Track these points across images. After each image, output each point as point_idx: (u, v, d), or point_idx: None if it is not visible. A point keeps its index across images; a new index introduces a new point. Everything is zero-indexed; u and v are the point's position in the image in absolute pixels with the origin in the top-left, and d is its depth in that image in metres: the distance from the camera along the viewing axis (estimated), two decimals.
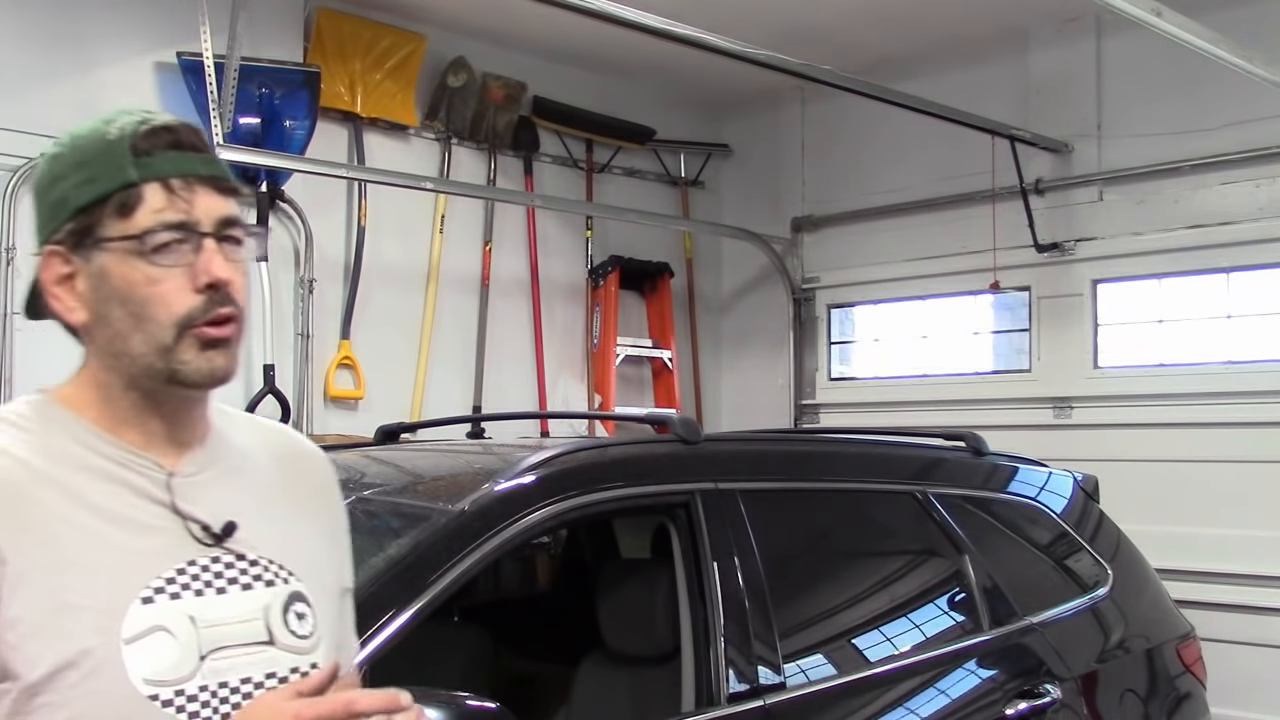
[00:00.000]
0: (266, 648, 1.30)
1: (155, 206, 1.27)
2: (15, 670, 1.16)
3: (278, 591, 1.33)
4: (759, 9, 5.24)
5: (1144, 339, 5.55)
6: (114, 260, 1.27)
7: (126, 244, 1.26)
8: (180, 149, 1.30)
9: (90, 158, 1.29)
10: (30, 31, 4.49)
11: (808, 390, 6.81)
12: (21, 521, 1.20)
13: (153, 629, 1.22)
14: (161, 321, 1.27)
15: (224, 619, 1.27)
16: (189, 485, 1.32)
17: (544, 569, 4.03)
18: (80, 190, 1.29)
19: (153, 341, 1.27)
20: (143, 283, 1.26)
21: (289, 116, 4.96)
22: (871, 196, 6.45)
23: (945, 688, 2.89)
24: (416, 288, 5.73)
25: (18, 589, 1.17)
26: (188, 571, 1.27)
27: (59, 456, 1.26)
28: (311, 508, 1.47)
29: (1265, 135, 5.09)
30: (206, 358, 1.29)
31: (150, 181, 1.27)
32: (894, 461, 3.45)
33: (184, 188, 1.29)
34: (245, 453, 1.42)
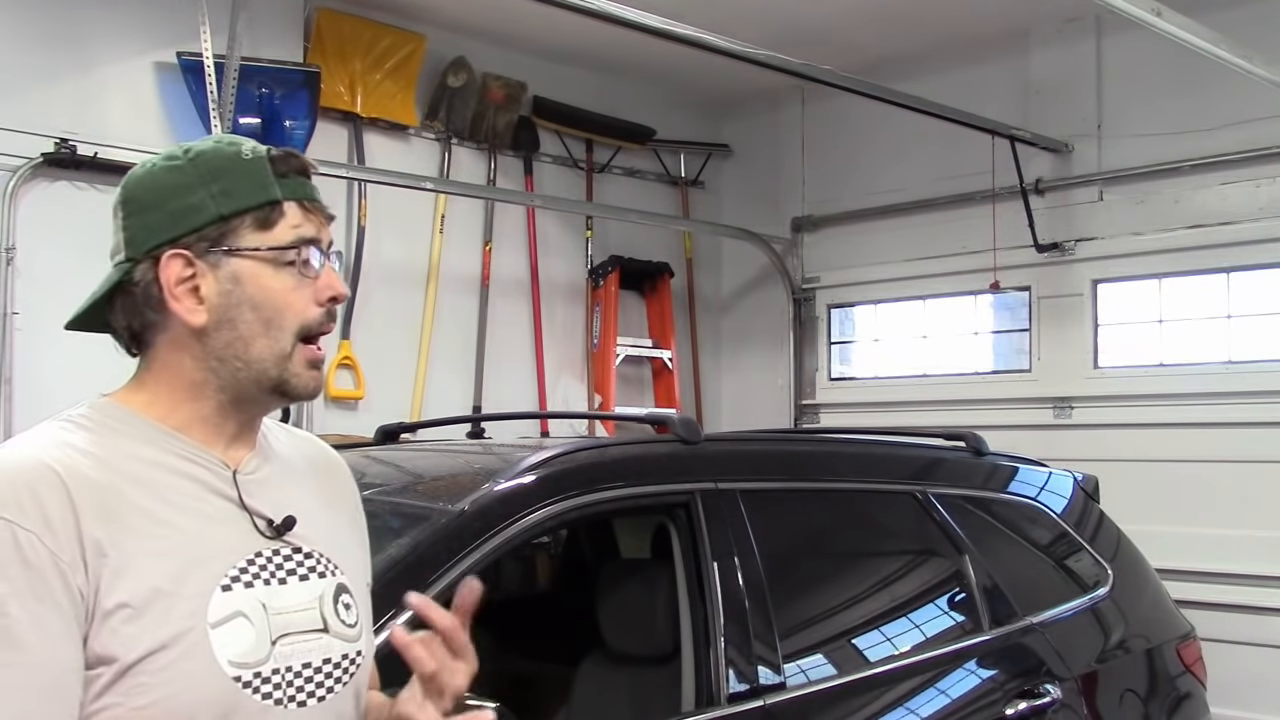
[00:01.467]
0: (322, 635, 1.39)
1: (294, 223, 1.40)
2: (113, 653, 1.24)
3: (328, 583, 1.42)
4: (759, 9, 5.24)
5: (1144, 339, 5.55)
6: (251, 268, 1.37)
7: (269, 254, 1.37)
8: (304, 175, 1.43)
9: (226, 171, 1.38)
10: (30, 32, 4.49)
11: (808, 390, 6.81)
12: (112, 516, 1.27)
13: (234, 614, 1.30)
14: (287, 328, 1.38)
15: (288, 607, 1.36)
16: (250, 482, 1.40)
17: (544, 569, 4.03)
18: (221, 201, 1.37)
19: (275, 348, 1.38)
20: (280, 290, 1.38)
21: (289, 116, 4.96)
22: (871, 196, 6.45)
23: (945, 688, 2.89)
24: (416, 288, 5.73)
25: (117, 580, 1.25)
26: (256, 562, 1.35)
27: (131, 454, 1.34)
28: (342, 508, 1.57)
29: (1265, 135, 5.09)
30: (312, 375, 1.42)
31: (290, 200, 1.40)
32: (894, 461, 3.44)
33: (313, 209, 1.43)
34: (286, 457, 1.51)
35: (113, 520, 1.27)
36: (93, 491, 1.27)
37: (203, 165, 1.39)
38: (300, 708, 1.34)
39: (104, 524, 1.26)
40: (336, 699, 1.39)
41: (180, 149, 1.42)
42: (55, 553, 1.22)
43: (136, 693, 1.24)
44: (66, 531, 1.23)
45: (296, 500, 1.44)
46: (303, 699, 1.35)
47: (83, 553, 1.23)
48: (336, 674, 1.40)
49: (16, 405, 4.31)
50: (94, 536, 1.25)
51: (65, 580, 1.22)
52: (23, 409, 4.28)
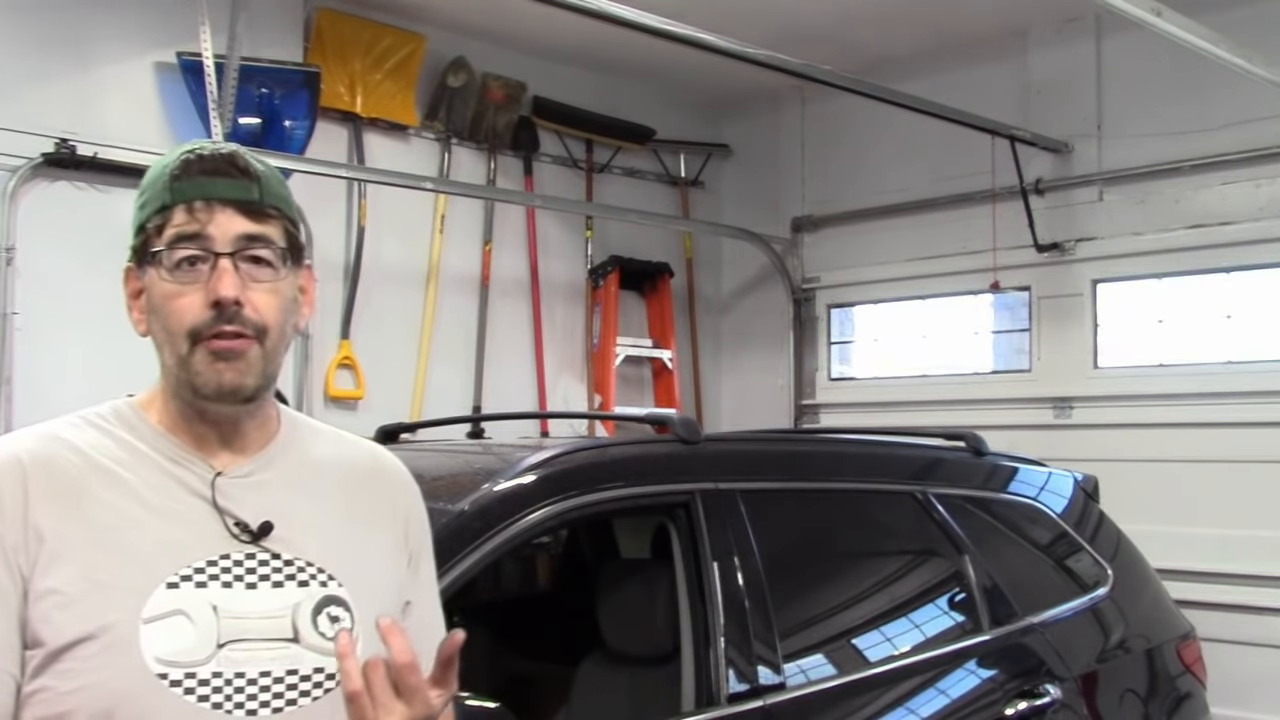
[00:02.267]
0: (290, 645, 1.35)
1: (177, 223, 1.37)
2: (42, 637, 1.27)
3: (311, 592, 1.39)
4: (759, 9, 5.24)
5: (1144, 339, 5.55)
6: (153, 276, 1.39)
7: (157, 259, 1.38)
8: (210, 175, 1.39)
9: (148, 184, 1.42)
10: (30, 32, 4.49)
11: (808, 390, 6.81)
12: (65, 504, 1.31)
13: (173, 612, 1.30)
14: (177, 333, 1.37)
15: (249, 612, 1.34)
16: (234, 485, 1.40)
17: (544, 569, 4.03)
18: (139, 212, 1.41)
19: (174, 352, 1.38)
20: (166, 296, 1.37)
21: (289, 116, 4.96)
22: (871, 196, 6.45)
23: (945, 688, 2.89)
24: (416, 288, 5.73)
25: (52, 565, 1.28)
26: (219, 563, 1.34)
27: (123, 452, 1.38)
28: (378, 522, 1.53)
29: (1265, 135, 5.09)
30: (216, 370, 1.37)
31: (178, 204, 1.38)
32: (894, 461, 3.44)
33: (203, 209, 1.37)
34: (314, 465, 1.50)
35: (66, 510, 1.31)
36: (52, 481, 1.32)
37: (146, 179, 1.43)
38: (250, 716, 1.31)
39: (54, 513, 1.30)
40: (301, 713, 1.34)
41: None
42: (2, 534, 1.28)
43: (65, 677, 1.26)
44: (15, 515, 1.29)
45: (296, 507, 1.43)
46: (254, 707, 1.31)
47: (25, 537, 1.29)
48: (304, 686, 1.35)
49: (16, 405, 4.30)
50: (36, 523, 1.29)
51: (7, 560, 1.28)
52: (23, 409, 4.28)
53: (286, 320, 1.44)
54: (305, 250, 1.49)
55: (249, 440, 1.45)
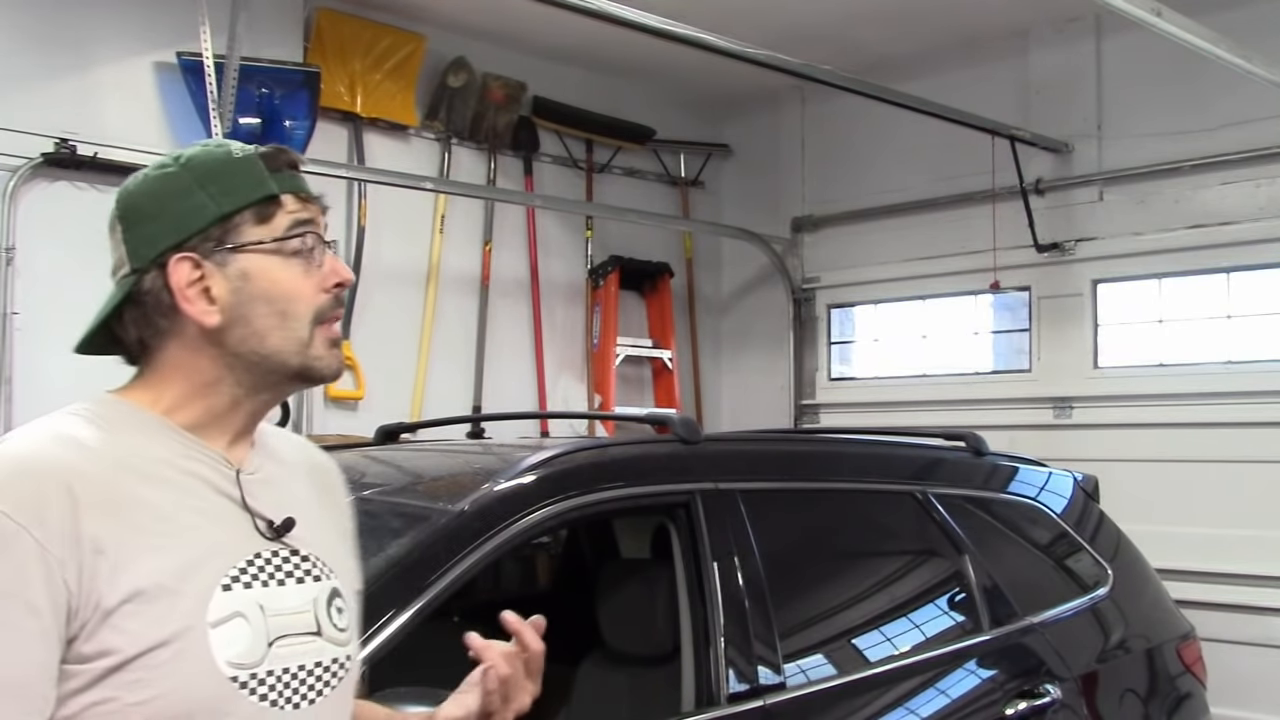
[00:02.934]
0: (315, 638, 1.39)
1: (291, 210, 1.41)
2: (113, 646, 1.23)
3: (323, 586, 1.43)
4: (759, 9, 5.24)
5: (1144, 339, 5.55)
6: (259, 262, 1.38)
7: (273, 245, 1.39)
8: (296, 171, 1.45)
9: (222, 173, 1.40)
10: (30, 32, 4.49)
11: (808, 390, 6.81)
12: (113, 510, 1.27)
13: (233, 615, 1.31)
14: (302, 316, 1.39)
15: (285, 609, 1.37)
16: (252, 483, 1.41)
17: (544, 569, 4.03)
18: (220, 200, 1.38)
19: (293, 337, 1.39)
20: (289, 280, 1.39)
21: (289, 116, 4.96)
22: (871, 196, 6.45)
23: (945, 688, 2.88)
24: (416, 288, 5.73)
25: (117, 575, 1.24)
26: (255, 563, 1.36)
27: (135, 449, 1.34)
28: (333, 512, 1.58)
29: (1265, 135, 5.09)
30: (334, 355, 1.43)
31: (286, 193, 1.41)
32: (894, 461, 3.44)
33: (307, 199, 1.44)
34: (281, 458, 1.51)
35: (114, 515, 1.26)
36: (94, 486, 1.26)
37: (197, 168, 1.40)
38: (295, 710, 1.35)
39: (105, 520, 1.25)
40: (326, 702, 1.40)
41: (170, 157, 1.44)
42: (44, 546, 1.21)
43: (134, 688, 1.24)
44: (62, 526, 1.22)
45: (295, 502, 1.45)
46: (296, 701, 1.35)
47: (78, 549, 1.22)
48: (326, 677, 1.40)
49: (16, 405, 4.31)
50: (92, 533, 1.24)
51: (50, 575, 1.21)
52: (23, 409, 4.28)
53: None
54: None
55: (255, 435, 1.46)
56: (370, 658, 1.93)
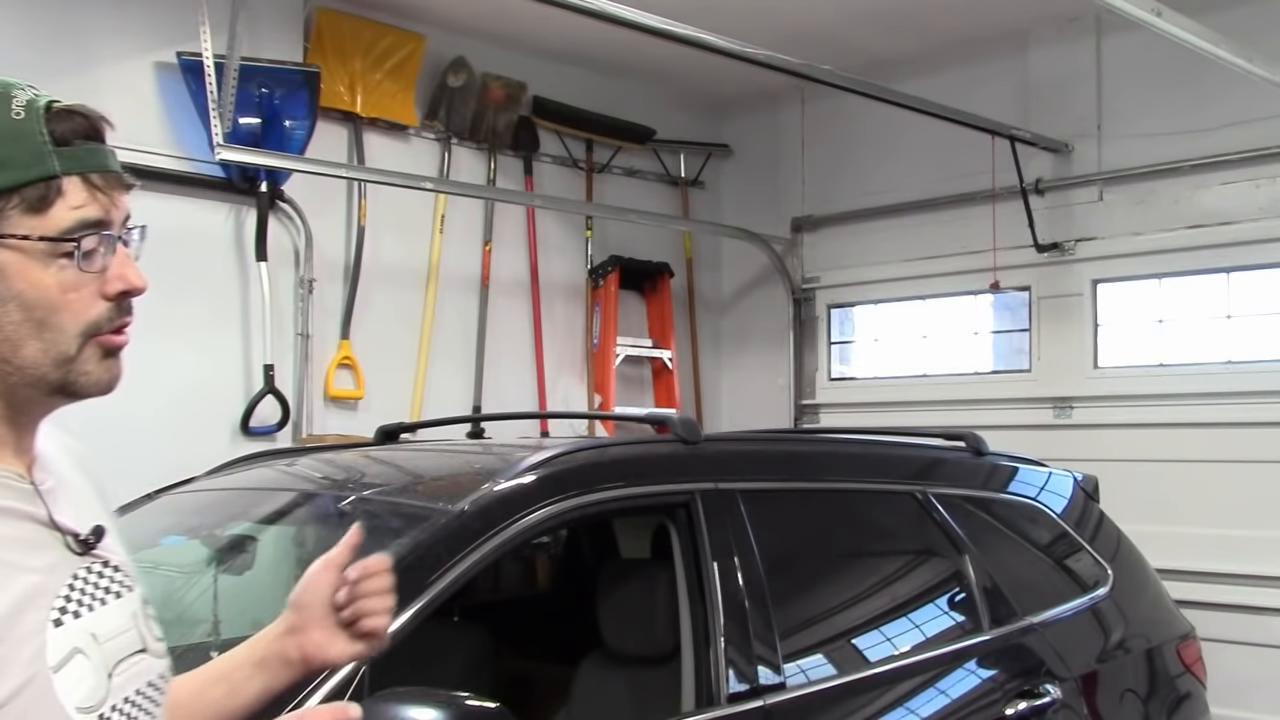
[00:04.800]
0: (143, 656, 1.24)
1: (75, 203, 1.14)
2: None
3: (135, 596, 1.26)
4: (759, 9, 5.24)
5: (1144, 339, 5.55)
6: (18, 260, 1.13)
7: (40, 245, 1.13)
8: (99, 141, 1.19)
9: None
10: (30, 31, 4.48)
11: (808, 390, 6.81)
12: None
13: (72, 652, 1.14)
14: (67, 330, 1.15)
15: (113, 631, 1.20)
16: (49, 496, 1.20)
17: (544, 569, 4.04)
18: None
19: (53, 351, 1.15)
20: (55, 288, 1.14)
21: (289, 116, 4.96)
22: (871, 196, 6.45)
23: (945, 688, 2.89)
24: (416, 287, 5.72)
25: None
26: (76, 586, 1.18)
27: None
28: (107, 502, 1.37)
29: (1265, 135, 5.09)
30: (106, 366, 1.19)
31: (72, 175, 1.15)
32: (894, 461, 3.45)
33: (104, 183, 1.17)
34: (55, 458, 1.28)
35: None
36: None
37: None
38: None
39: None
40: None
41: None
42: None
43: None
44: None
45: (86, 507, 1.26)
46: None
47: None
48: (155, 696, 1.25)
49: None
50: None
51: None
52: None
53: None
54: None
55: (33, 442, 1.23)
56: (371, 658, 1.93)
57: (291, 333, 5.16)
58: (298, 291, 5.18)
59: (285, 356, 5.12)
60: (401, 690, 1.92)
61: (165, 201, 4.60)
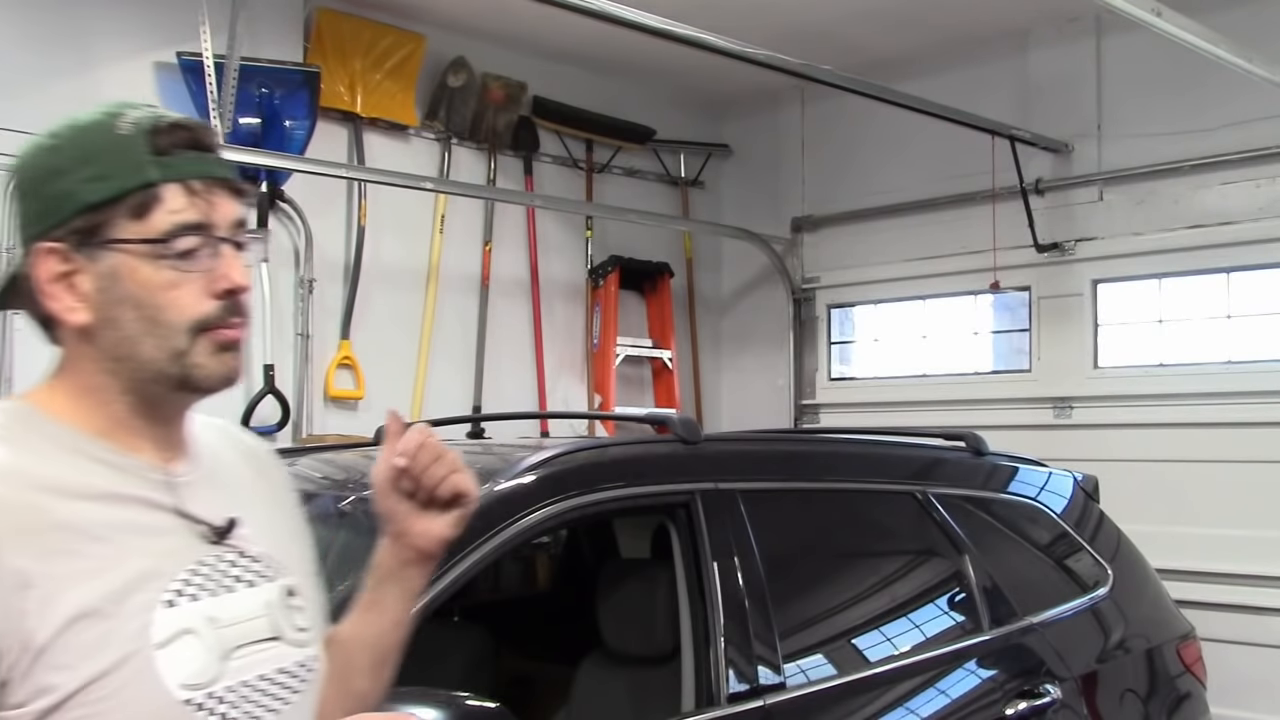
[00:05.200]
0: (275, 644, 1.30)
1: (174, 208, 1.23)
2: (50, 685, 1.13)
3: (275, 586, 1.33)
4: (759, 9, 5.24)
5: (1144, 339, 5.55)
6: (128, 262, 1.23)
7: (144, 246, 1.23)
8: (199, 149, 1.28)
9: (99, 153, 1.24)
10: (30, 31, 4.49)
11: (808, 390, 6.81)
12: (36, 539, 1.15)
13: (180, 632, 1.20)
14: (176, 326, 1.24)
15: (237, 617, 1.27)
16: (185, 486, 1.29)
17: (544, 569, 4.03)
18: (90, 186, 1.23)
19: (166, 346, 1.24)
20: (160, 287, 1.23)
21: (289, 116, 4.96)
22: (871, 196, 6.45)
23: (945, 688, 2.89)
24: (416, 288, 5.73)
25: (48, 609, 1.13)
26: (200, 572, 1.25)
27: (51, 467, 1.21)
28: (279, 500, 1.47)
29: (1265, 135, 5.09)
30: (220, 360, 1.27)
31: (171, 183, 1.24)
32: (894, 461, 3.44)
33: (204, 190, 1.26)
34: (215, 453, 1.39)
35: (37, 543, 1.14)
36: (11, 514, 1.14)
37: (80, 145, 1.25)
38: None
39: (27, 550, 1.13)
40: (293, 710, 1.30)
41: (65, 123, 1.29)
42: None
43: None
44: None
45: (234, 500, 1.34)
46: (259, 713, 1.25)
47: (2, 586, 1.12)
48: (292, 684, 1.30)
49: None
50: (14, 566, 1.12)
51: None
52: None
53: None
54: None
55: (182, 435, 1.33)
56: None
57: (291, 333, 5.16)
58: (298, 291, 5.19)
59: (285, 356, 5.12)
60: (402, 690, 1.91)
61: None
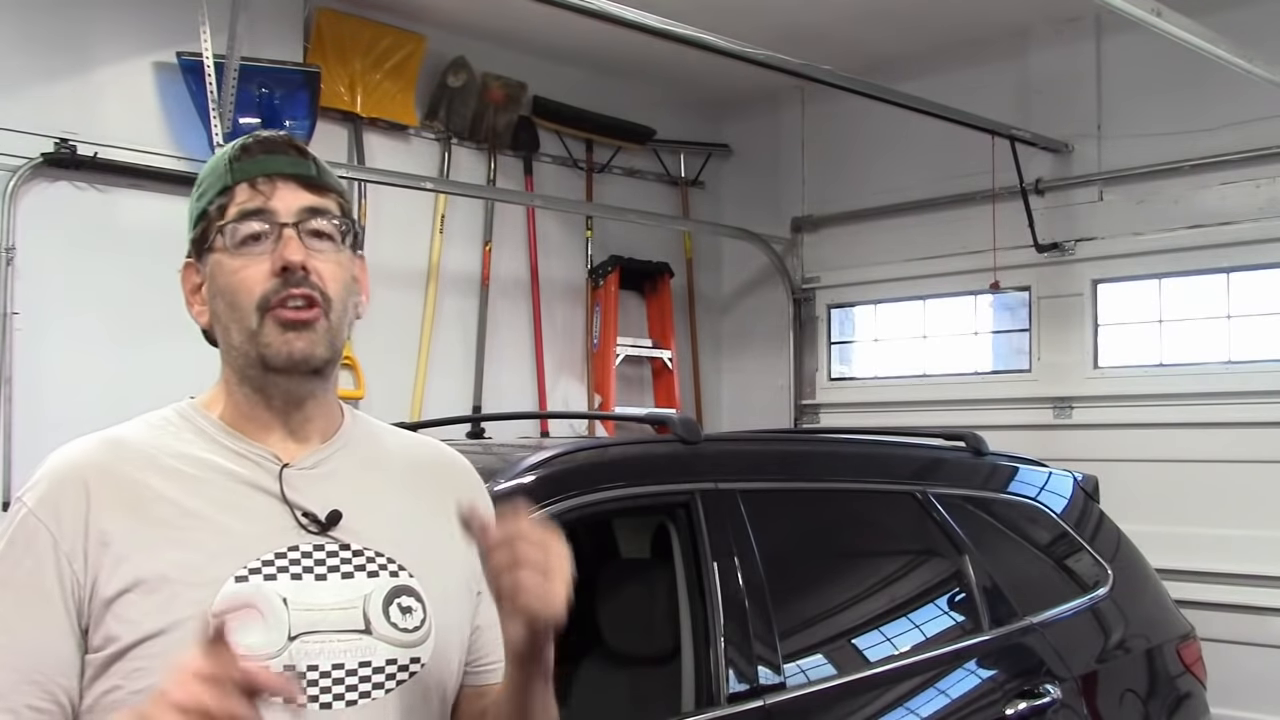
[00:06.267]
0: (363, 636, 1.34)
1: (239, 200, 1.39)
2: (115, 634, 1.26)
3: (381, 583, 1.38)
4: (759, 9, 5.24)
5: (1144, 339, 5.55)
6: (217, 258, 1.39)
7: (223, 239, 1.38)
8: (269, 152, 1.42)
9: (205, 177, 1.44)
10: (30, 31, 4.48)
11: (808, 390, 6.81)
12: (129, 506, 1.30)
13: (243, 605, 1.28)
14: (246, 306, 1.36)
15: (320, 604, 1.33)
16: (301, 477, 1.39)
17: None
18: (197, 204, 1.43)
19: (243, 328, 1.37)
20: (231, 271, 1.37)
21: (289, 116, 4.96)
22: (872, 196, 6.45)
23: (945, 688, 2.89)
24: (416, 288, 5.72)
25: (120, 566, 1.28)
26: (288, 555, 1.34)
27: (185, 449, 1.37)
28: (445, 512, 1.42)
29: (1265, 135, 5.09)
30: (285, 339, 1.36)
31: (240, 182, 1.39)
32: (894, 461, 3.44)
33: (266, 183, 1.39)
34: (379, 458, 1.49)
35: (131, 511, 1.30)
36: (113, 483, 1.31)
37: (200, 176, 1.45)
38: (323, 709, 1.30)
39: (117, 514, 1.30)
40: (375, 705, 1.34)
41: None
42: (58, 541, 1.28)
43: (134, 676, 1.26)
44: (74, 521, 1.29)
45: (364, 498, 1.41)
46: (327, 700, 1.30)
47: (85, 542, 1.28)
48: (377, 678, 1.34)
49: (16, 405, 4.30)
50: (101, 526, 1.29)
51: (60, 568, 1.28)
52: (23, 409, 4.28)
53: (349, 296, 1.44)
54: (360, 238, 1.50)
55: (313, 429, 1.44)
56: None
57: None
58: None
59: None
60: None
61: (165, 201, 4.59)
